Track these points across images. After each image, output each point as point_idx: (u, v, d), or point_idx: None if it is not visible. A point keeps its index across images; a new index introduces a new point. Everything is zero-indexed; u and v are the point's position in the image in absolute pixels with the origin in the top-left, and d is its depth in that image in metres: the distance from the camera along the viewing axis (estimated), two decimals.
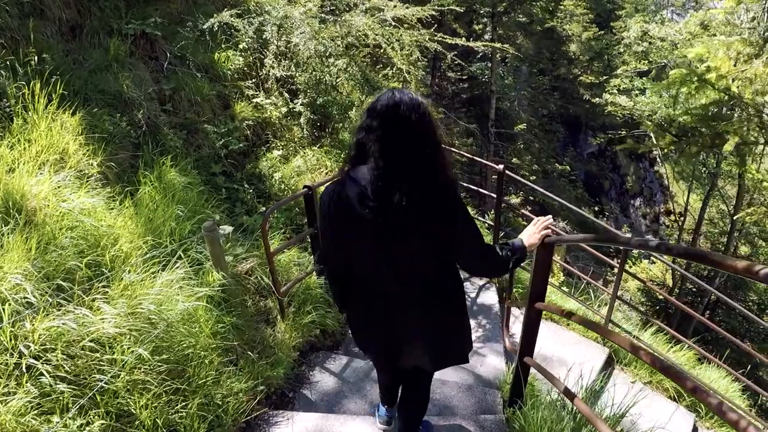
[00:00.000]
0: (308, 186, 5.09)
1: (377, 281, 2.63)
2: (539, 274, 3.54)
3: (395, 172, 2.32)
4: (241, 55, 7.34)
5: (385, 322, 2.74)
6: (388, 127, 2.32)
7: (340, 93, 7.51)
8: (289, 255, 5.51)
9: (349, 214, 2.42)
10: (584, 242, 2.94)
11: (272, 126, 7.28)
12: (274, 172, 6.59)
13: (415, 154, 2.33)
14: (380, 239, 2.46)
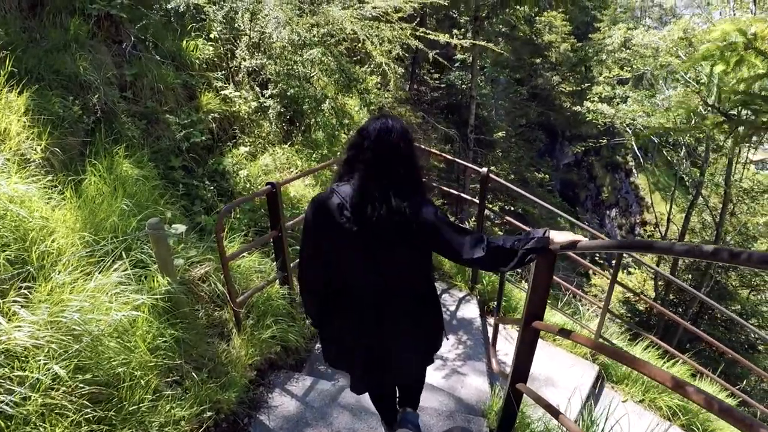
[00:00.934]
0: (272, 183, 4.48)
1: (364, 293, 2.73)
2: (538, 289, 3.07)
3: (375, 192, 2.51)
4: (212, 44, 6.81)
5: (375, 332, 2.79)
6: (377, 150, 2.52)
7: (313, 85, 6.97)
8: (250, 260, 4.91)
9: (329, 225, 2.59)
10: (611, 249, 2.47)
11: (240, 121, 6.73)
12: (239, 170, 6.03)
13: (398, 176, 2.54)
14: (363, 250, 2.61)
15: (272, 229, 4.70)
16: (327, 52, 6.33)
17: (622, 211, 32.98)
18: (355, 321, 2.81)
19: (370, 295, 2.73)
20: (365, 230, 2.53)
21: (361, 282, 2.73)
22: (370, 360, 2.90)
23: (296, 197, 6.26)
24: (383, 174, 2.52)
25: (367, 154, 2.53)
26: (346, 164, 2.65)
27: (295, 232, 5.72)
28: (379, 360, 2.89)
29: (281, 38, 6.13)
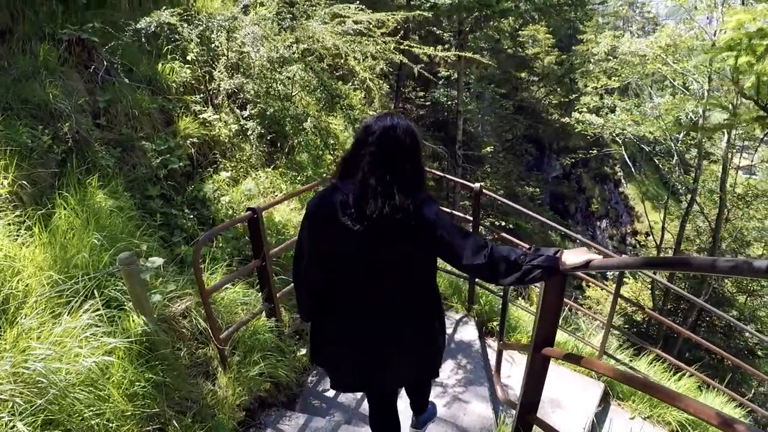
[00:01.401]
0: (252, 209, 4.19)
1: (362, 291, 2.71)
2: (548, 313, 2.79)
3: (378, 186, 2.47)
4: (189, 67, 6.56)
5: (371, 332, 2.76)
6: (382, 146, 2.52)
7: (294, 104, 6.71)
8: (234, 292, 4.61)
9: (330, 221, 2.56)
10: (636, 268, 2.22)
11: (221, 145, 6.46)
12: (220, 196, 5.74)
13: (402, 173, 2.52)
14: (364, 247, 2.57)
15: (255, 257, 4.39)
16: (308, 68, 6.08)
17: (612, 222, 33.00)
18: (351, 319, 2.78)
19: (368, 294, 2.71)
20: (367, 227, 2.51)
21: (360, 280, 2.70)
22: (360, 360, 2.86)
23: (281, 222, 5.97)
24: (387, 169, 2.50)
25: (371, 148, 2.52)
26: (349, 160, 2.63)
27: (282, 260, 5.44)
28: (371, 361, 2.85)
29: (260, 56, 5.89)
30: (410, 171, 2.56)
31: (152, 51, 6.42)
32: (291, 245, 5.12)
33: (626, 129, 17.08)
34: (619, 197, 33.78)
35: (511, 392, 5.28)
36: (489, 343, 6.27)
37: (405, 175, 2.53)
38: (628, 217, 33.19)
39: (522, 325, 6.56)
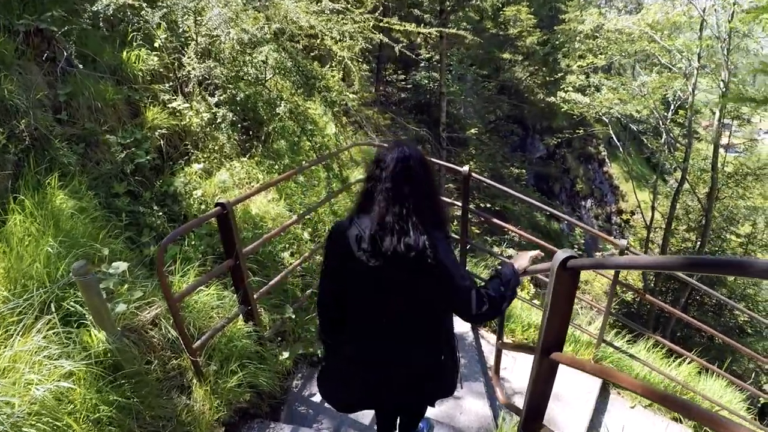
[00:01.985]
0: (222, 203, 3.75)
1: (373, 311, 2.70)
2: (558, 314, 2.51)
3: (395, 224, 2.47)
4: (157, 54, 6.13)
5: (380, 352, 2.74)
6: (397, 181, 2.50)
7: (267, 88, 6.30)
8: (208, 295, 4.23)
9: (347, 256, 2.57)
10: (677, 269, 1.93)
11: (192, 135, 6.05)
12: (192, 190, 5.35)
13: (418, 209, 2.50)
14: (376, 284, 2.59)
15: (228, 257, 3.97)
16: (280, 48, 5.66)
17: (597, 201, 32.99)
18: (360, 339, 2.80)
19: (378, 314, 2.70)
20: (381, 264, 2.51)
21: (370, 302, 2.70)
22: (367, 378, 2.85)
23: (258, 215, 5.60)
24: (403, 205, 2.48)
25: (386, 184, 2.50)
26: (365, 196, 2.62)
27: (259, 257, 5.09)
28: (378, 381, 2.84)
29: (230, 38, 5.49)
30: (427, 206, 2.55)
31: (116, 39, 5.99)
32: (268, 240, 4.80)
33: (613, 108, 16.85)
34: (603, 177, 33.78)
35: (507, 385, 5.09)
36: (482, 334, 6.04)
37: (422, 211, 2.51)
38: (612, 197, 33.23)
39: (516, 314, 6.32)
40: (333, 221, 6.37)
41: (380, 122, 14.04)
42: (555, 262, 2.36)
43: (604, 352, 5.93)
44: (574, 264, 2.31)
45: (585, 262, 2.29)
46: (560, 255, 2.35)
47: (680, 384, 5.77)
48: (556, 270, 2.36)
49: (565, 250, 2.39)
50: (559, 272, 2.35)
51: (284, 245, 5.53)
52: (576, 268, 2.34)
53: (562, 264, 2.34)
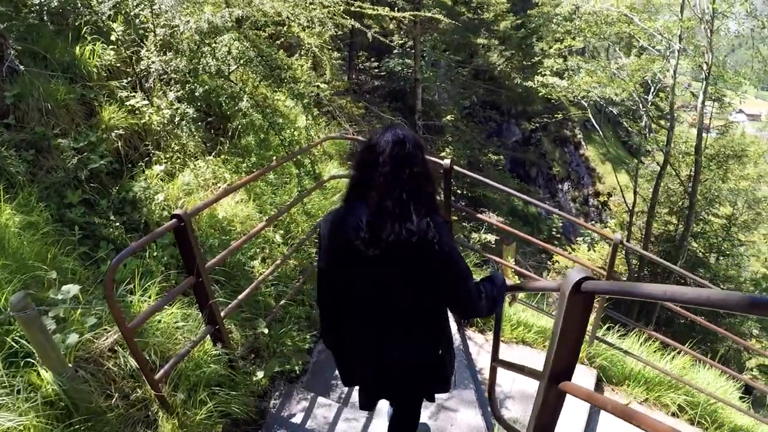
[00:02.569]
0: (178, 215, 3.33)
1: (374, 309, 2.63)
2: (569, 338, 2.17)
3: (395, 209, 2.37)
4: (113, 48, 5.67)
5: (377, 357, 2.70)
6: (396, 163, 2.39)
7: (230, 80, 5.86)
8: (171, 314, 3.81)
9: (344, 245, 2.49)
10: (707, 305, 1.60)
11: (153, 134, 5.60)
12: (154, 194, 4.92)
13: (419, 192, 2.42)
14: (375, 272, 2.48)
15: (189, 273, 3.53)
16: (242, 36, 5.23)
17: (574, 184, 33.09)
18: (361, 337, 2.75)
19: (378, 312, 2.64)
20: (380, 253, 2.41)
21: (370, 299, 2.62)
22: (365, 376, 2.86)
23: (226, 218, 5.18)
24: (404, 189, 2.38)
25: (385, 168, 2.38)
26: (358, 184, 2.51)
27: (227, 268, 4.66)
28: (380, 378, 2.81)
29: (189, 28, 5.07)
30: (426, 190, 2.46)
31: (69, 33, 5.51)
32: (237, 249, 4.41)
33: (591, 91, 16.67)
34: (579, 159, 33.82)
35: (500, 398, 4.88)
36: (469, 335, 5.81)
37: (421, 194, 2.43)
38: (589, 179, 33.30)
39: (504, 311, 6.00)
40: (306, 221, 6.00)
41: (354, 112, 13.68)
42: (567, 284, 2.03)
43: (597, 349, 5.75)
44: (589, 288, 1.97)
45: (604, 286, 1.96)
46: (573, 276, 2.02)
47: (675, 378, 5.64)
48: (568, 293, 2.02)
49: (578, 269, 2.05)
50: (571, 295, 2.02)
51: (255, 251, 5.11)
52: (591, 293, 2.00)
53: (576, 287, 2.00)
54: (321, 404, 4.19)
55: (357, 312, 2.69)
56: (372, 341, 2.69)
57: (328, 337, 2.93)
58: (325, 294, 2.78)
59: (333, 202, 6.78)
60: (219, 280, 4.32)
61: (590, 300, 2.09)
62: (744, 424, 5.80)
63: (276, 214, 4.93)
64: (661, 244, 19.27)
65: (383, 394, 3.00)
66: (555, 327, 2.17)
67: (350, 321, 2.74)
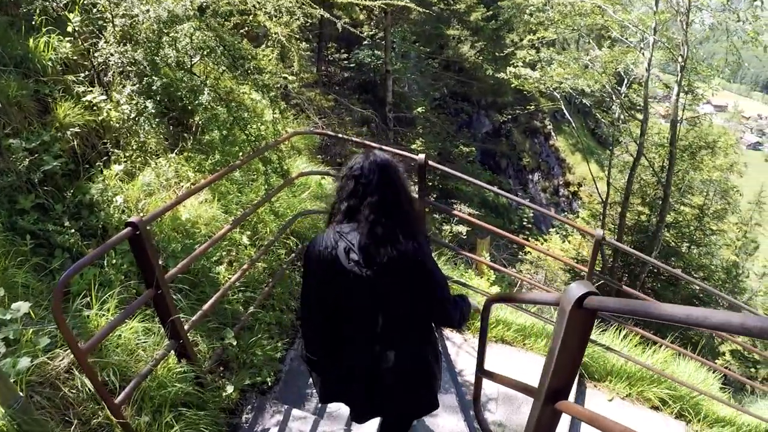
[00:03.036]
0: (133, 223, 3.02)
1: (367, 323, 2.71)
2: (568, 356, 2.00)
3: (385, 235, 2.52)
4: (70, 40, 5.32)
5: (376, 360, 2.75)
6: (382, 191, 2.55)
7: (192, 73, 5.54)
8: (131, 328, 3.51)
9: (338, 269, 2.56)
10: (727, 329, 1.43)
11: (112, 132, 5.27)
12: (113, 196, 4.60)
13: (405, 217, 2.60)
14: (370, 292, 2.60)
15: (147, 286, 3.24)
16: (203, 25, 4.91)
17: (544, 175, 33.43)
18: (357, 351, 2.78)
19: (372, 326, 2.72)
20: (374, 273, 2.55)
21: (364, 314, 2.71)
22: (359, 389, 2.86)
23: (191, 220, 4.88)
24: (390, 216, 2.56)
25: (372, 198, 2.54)
26: (347, 212, 2.61)
27: (190, 276, 4.32)
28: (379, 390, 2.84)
29: (147, 17, 4.77)
30: (411, 212, 2.64)
31: (23, 24, 5.13)
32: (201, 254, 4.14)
33: (564, 82, 16.59)
34: (549, 150, 34.15)
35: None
36: (447, 334, 5.62)
37: (407, 218, 2.60)
38: (559, 169, 33.66)
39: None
40: (275, 221, 5.72)
41: (323, 104, 13.43)
42: (568, 299, 1.83)
43: None
44: (593, 305, 1.78)
45: (610, 304, 1.76)
46: (574, 291, 1.82)
47: (657, 372, 5.57)
48: (569, 309, 1.83)
49: (579, 283, 1.85)
50: (573, 312, 1.82)
51: (221, 254, 4.82)
52: (593, 309, 1.81)
53: (578, 302, 1.81)
54: (296, 417, 3.96)
55: (355, 320, 2.73)
56: (369, 349, 2.75)
57: (318, 353, 2.88)
58: (314, 312, 2.77)
59: (302, 200, 6.52)
60: (182, 289, 4.04)
61: (593, 316, 1.90)
62: (726, 414, 5.75)
63: (242, 215, 4.63)
64: (634, 235, 19.38)
65: (374, 409, 2.99)
66: (553, 343, 1.98)
67: (348, 329, 2.76)
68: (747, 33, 13.81)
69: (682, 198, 19.45)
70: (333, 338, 2.81)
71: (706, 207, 20.34)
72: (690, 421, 5.39)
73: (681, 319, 1.46)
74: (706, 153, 18.97)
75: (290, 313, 5.10)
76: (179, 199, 3.78)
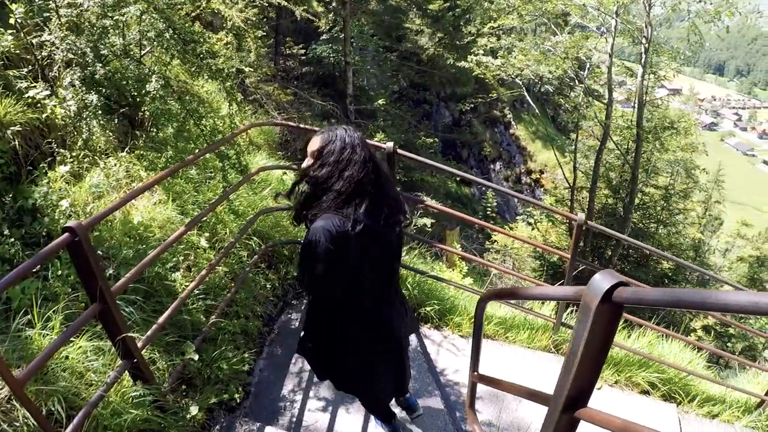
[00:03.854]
0: (71, 228, 2.59)
1: (376, 304, 2.95)
2: (591, 357, 1.71)
3: (393, 202, 2.78)
4: (12, 33, 4.87)
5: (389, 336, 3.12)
6: (373, 164, 2.69)
7: (140, 62, 5.13)
8: (79, 348, 3.10)
9: (348, 251, 2.63)
10: None
11: (58, 130, 4.88)
12: (58, 200, 4.19)
13: (395, 190, 2.94)
14: (376, 265, 2.81)
15: (92, 300, 2.81)
16: (150, 7, 4.50)
17: (506, 164, 33.50)
18: (372, 330, 3.02)
19: (387, 289, 3.00)
20: (383, 236, 2.74)
21: (374, 295, 2.91)
22: (391, 365, 3.27)
23: (143, 223, 4.47)
24: (390, 182, 2.82)
25: (372, 176, 2.65)
26: (350, 194, 2.62)
27: (146, 283, 3.92)
28: (398, 362, 3.31)
29: (93, 2, 4.38)
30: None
31: None
32: (154, 260, 3.78)
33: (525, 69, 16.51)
34: (510, 139, 34.23)
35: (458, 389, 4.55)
36: (424, 332, 5.36)
37: (397, 192, 2.89)
38: (521, 158, 33.78)
39: (461, 305, 5.67)
40: (235, 221, 5.34)
41: (282, 98, 13.05)
42: (593, 293, 1.56)
43: (563, 335, 5.51)
44: (623, 297, 1.51)
45: (647, 295, 1.46)
46: (601, 283, 1.54)
47: (643, 356, 5.47)
48: (595, 304, 1.55)
49: (604, 273, 1.56)
50: (600, 307, 1.55)
51: (177, 259, 4.39)
52: (623, 303, 1.54)
53: (606, 296, 1.54)
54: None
55: (371, 294, 2.90)
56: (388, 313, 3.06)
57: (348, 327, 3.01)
58: (335, 293, 2.83)
59: (264, 197, 6.15)
60: (135, 301, 3.65)
61: (620, 310, 1.62)
62: (715, 392, 5.70)
63: (199, 216, 4.19)
64: (603, 218, 19.50)
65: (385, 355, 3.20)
66: (574, 345, 1.69)
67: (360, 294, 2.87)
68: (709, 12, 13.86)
69: (648, 179, 19.62)
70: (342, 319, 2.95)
71: (672, 186, 20.62)
72: (680, 402, 5.33)
73: (746, 308, 1.19)
74: (671, 134, 19.13)
75: (256, 319, 4.73)
76: (124, 199, 3.31)
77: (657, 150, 19.19)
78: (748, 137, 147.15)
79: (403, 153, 5.06)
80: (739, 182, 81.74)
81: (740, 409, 5.54)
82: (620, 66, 18.13)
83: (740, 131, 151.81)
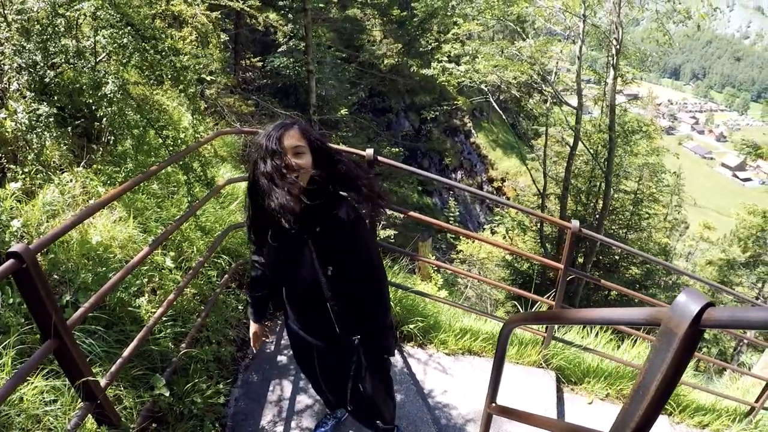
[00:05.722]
0: (15, 253, 2.21)
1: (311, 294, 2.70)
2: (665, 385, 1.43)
3: None
4: None
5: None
6: None
7: (92, 68, 4.74)
8: (36, 388, 2.70)
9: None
10: None
11: (8, 144, 4.51)
12: (9, 219, 3.80)
13: None
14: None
15: (44, 336, 2.41)
16: (105, 4, 4.12)
17: (467, 172, 33.60)
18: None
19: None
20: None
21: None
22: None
23: (103, 243, 4.08)
24: None
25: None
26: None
27: (108, 311, 3.52)
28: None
29: (43, 4, 4.01)
30: None
31: None
32: (115, 285, 3.41)
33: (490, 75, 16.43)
34: (471, 148, 34.34)
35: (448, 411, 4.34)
36: (408, 350, 5.08)
37: None
38: (482, 166, 33.92)
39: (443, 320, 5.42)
40: (202, 238, 4.99)
41: (243, 110, 12.74)
42: (679, 317, 1.29)
43: (553, 350, 5.29)
44: (714, 320, 1.24)
45: (747, 317, 1.18)
46: (689, 305, 1.28)
47: (635, 368, 5.32)
48: (683, 330, 1.28)
49: (689, 292, 1.30)
50: (688, 331, 1.29)
51: (141, 282, 3.98)
52: (714, 327, 1.27)
53: (696, 319, 1.27)
54: None
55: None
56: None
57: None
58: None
59: (232, 212, 5.81)
60: (96, 331, 3.28)
61: (699, 336, 1.35)
62: (705, 401, 5.61)
63: (163, 234, 3.79)
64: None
65: None
66: (648, 377, 1.42)
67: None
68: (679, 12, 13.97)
69: (618, 184, 19.81)
70: None
71: (641, 191, 20.84)
72: (671, 413, 5.23)
73: None
74: (640, 137, 19.26)
75: (229, 344, 4.34)
76: (80, 217, 2.87)
77: (627, 154, 19.37)
78: (705, 140, 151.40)
79: (384, 160, 4.81)
80: (699, 185, 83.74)
81: (730, 418, 5.43)
82: (588, 70, 18.24)
83: (698, 134, 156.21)
